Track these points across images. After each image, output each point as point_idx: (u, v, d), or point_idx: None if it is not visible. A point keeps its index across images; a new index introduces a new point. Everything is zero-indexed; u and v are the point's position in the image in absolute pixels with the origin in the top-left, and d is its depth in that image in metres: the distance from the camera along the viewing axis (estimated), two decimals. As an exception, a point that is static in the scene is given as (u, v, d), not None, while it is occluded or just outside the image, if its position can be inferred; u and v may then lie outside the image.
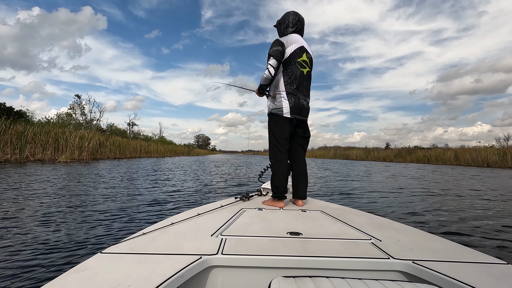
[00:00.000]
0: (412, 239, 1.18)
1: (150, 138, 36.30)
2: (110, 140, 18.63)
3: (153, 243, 1.05)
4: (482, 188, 6.08)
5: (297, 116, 1.94)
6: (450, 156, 23.24)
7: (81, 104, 26.03)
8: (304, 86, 1.97)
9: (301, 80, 1.94)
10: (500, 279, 0.82)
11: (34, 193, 4.01)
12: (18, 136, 11.08)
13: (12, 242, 1.99)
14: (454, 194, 5.07)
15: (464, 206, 3.87)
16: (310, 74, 2.02)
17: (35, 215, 2.79)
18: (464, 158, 21.74)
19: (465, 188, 6.08)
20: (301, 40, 2.00)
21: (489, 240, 2.33)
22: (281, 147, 1.95)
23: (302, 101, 1.95)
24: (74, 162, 12.01)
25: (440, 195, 4.95)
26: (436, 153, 25.06)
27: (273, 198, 1.95)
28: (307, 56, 1.98)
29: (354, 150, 39.83)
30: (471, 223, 2.90)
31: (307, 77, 1.99)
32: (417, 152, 28.31)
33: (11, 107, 18.56)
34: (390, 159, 30.67)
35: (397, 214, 3.33)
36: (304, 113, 1.98)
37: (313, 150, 57.73)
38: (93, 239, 2.12)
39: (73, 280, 0.76)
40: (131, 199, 3.82)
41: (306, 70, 1.98)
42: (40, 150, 11.98)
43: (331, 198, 4.44)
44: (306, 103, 2.00)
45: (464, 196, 4.88)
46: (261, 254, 0.98)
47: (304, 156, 2.08)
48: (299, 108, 1.94)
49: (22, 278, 1.46)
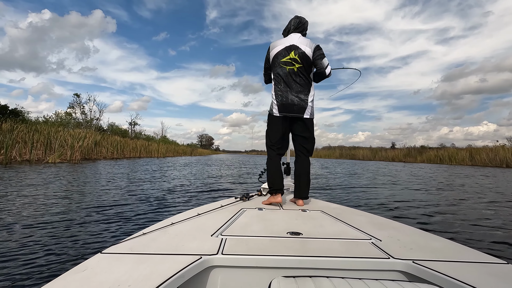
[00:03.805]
0: (412, 239, 1.18)
1: (152, 138, 35.65)
2: (107, 140, 17.89)
3: (153, 243, 1.05)
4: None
5: (287, 113, 1.97)
6: (465, 156, 22.09)
7: (80, 103, 25.54)
8: (296, 82, 1.97)
9: (289, 78, 1.97)
10: (500, 278, 0.81)
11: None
12: (4, 135, 10.32)
13: (10, 243, 1.98)
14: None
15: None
16: (302, 69, 1.97)
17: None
18: (480, 158, 20.60)
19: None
20: (294, 39, 2.01)
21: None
22: (272, 146, 2.04)
23: (292, 98, 1.96)
24: (63, 163, 11.21)
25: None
26: (449, 153, 23.89)
27: (270, 194, 2.00)
28: (296, 53, 1.97)
29: (360, 150, 38.86)
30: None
31: (298, 73, 1.97)
32: (428, 152, 27.13)
33: (5, 106, 17.95)
34: (400, 159, 29.58)
35: (398, 214, 3.15)
36: (296, 109, 1.96)
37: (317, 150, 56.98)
38: (93, 239, 2.12)
39: (73, 280, 0.75)
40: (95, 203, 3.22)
41: (296, 67, 1.97)
42: (29, 150, 11.20)
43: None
44: (298, 99, 1.96)
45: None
46: (261, 254, 0.97)
47: (305, 156, 2.07)
48: (288, 105, 1.96)
49: (22, 279, 1.47)
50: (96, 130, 21.53)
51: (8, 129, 10.72)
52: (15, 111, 18.05)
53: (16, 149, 10.71)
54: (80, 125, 23.04)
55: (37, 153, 11.50)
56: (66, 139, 12.66)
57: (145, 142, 25.73)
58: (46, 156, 11.53)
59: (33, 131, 11.76)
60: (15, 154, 10.58)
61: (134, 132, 33.86)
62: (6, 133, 10.48)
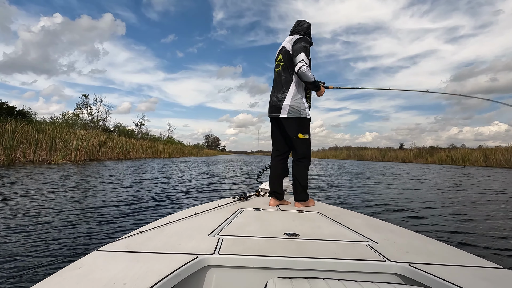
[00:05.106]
0: (409, 242, 1.17)
1: (158, 139, 35.66)
2: (112, 140, 17.81)
3: (150, 242, 1.05)
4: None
5: (270, 114, 2.01)
6: (479, 156, 21.29)
7: (87, 104, 25.68)
8: (279, 82, 1.95)
9: (276, 79, 1.99)
10: (495, 283, 0.81)
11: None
12: (8, 135, 10.25)
13: (6, 241, 2.00)
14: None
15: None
16: (284, 67, 1.94)
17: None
18: (495, 159, 19.81)
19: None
20: (285, 40, 1.99)
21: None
22: (272, 148, 2.11)
23: (273, 98, 1.96)
24: (67, 163, 11.09)
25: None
26: (462, 154, 23.08)
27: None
28: (281, 53, 1.95)
29: (369, 151, 38.16)
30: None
31: (281, 72, 1.94)
32: (439, 153, 26.31)
33: (13, 107, 18.05)
34: (410, 159, 28.82)
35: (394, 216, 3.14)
36: (274, 109, 1.94)
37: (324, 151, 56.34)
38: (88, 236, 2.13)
39: (68, 277, 0.75)
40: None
41: (281, 66, 1.95)
42: (33, 151, 11.11)
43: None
44: (276, 99, 1.94)
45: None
46: (258, 255, 0.97)
47: (295, 159, 2.00)
48: (270, 106, 1.99)
49: (18, 275, 1.46)
50: (103, 131, 21.54)
51: (12, 130, 10.64)
52: (22, 112, 18.14)
53: (20, 150, 10.64)
54: (87, 126, 23.12)
55: (41, 153, 11.42)
56: (71, 140, 12.57)
57: (151, 143, 25.64)
58: (50, 156, 11.44)
59: (36, 131, 11.68)
60: (19, 155, 10.51)
61: (141, 133, 33.93)
62: (9, 133, 10.41)
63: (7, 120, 11.63)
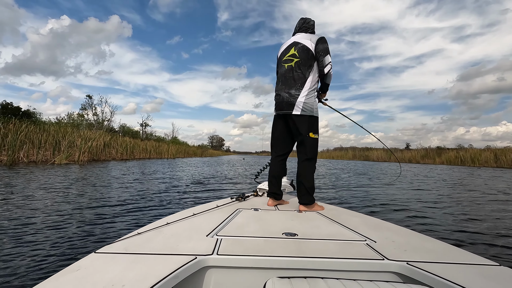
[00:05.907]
0: (407, 240, 1.17)
1: (163, 139, 35.69)
2: (116, 141, 17.78)
3: (148, 243, 1.04)
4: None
5: (279, 111, 1.91)
6: (489, 157, 20.73)
7: (92, 105, 25.79)
8: (292, 77, 1.86)
9: (287, 75, 1.90)
10: (492, 280, 0.81)
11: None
12: (11, 135, 10.22)
13: (2, 243, 1.95)
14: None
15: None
16: (299, 63, 1.86)
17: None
18: (506, 160, 19.27)
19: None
20: (296, 36, 1.95)
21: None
22: (272, 147, 2.04)
23: (284, 94, 1.88)
24: (70, 164, 11.02)
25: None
26: (471, 154, 22.52)
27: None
28: (296, 48, 1.89)
29: (374, 151, 37.62)
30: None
31: (295, 68, 1.86)
32: (447, 153, 25.74)
33: (18, 107, 18.20)
34: (417, 160, 28.28)
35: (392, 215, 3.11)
36: (285, 106, 1.86)
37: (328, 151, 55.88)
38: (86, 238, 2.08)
39: (66, 280, 0.75)
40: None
41: (294, 62, 1.88)
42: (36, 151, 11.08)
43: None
44: (288, 95, 1.85)
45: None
46: (257, 255, 0.97)
47: (302, 160, 1.89)
48: (279, 102, 1.90)
49: (15, 278, 1.45)
50: (108, 131, 21.56)
51: (14, 130, 10.62)
52: (28, 113, 18.26)
53: (23, 150, 10.61)
54: (92, 127, 23.19)
55: (44, 154, 11.38)
56: (75, 140, 12.53)
57: (155, 143, 25.61)
58: (53, 157, 11.40)
59: (40, 130, 11.65)
60: (22, 155, 10.48)
61: (145, 133, 33.98)
62: (12, 133, 10.38)
63: (10, 120, 11.65)
